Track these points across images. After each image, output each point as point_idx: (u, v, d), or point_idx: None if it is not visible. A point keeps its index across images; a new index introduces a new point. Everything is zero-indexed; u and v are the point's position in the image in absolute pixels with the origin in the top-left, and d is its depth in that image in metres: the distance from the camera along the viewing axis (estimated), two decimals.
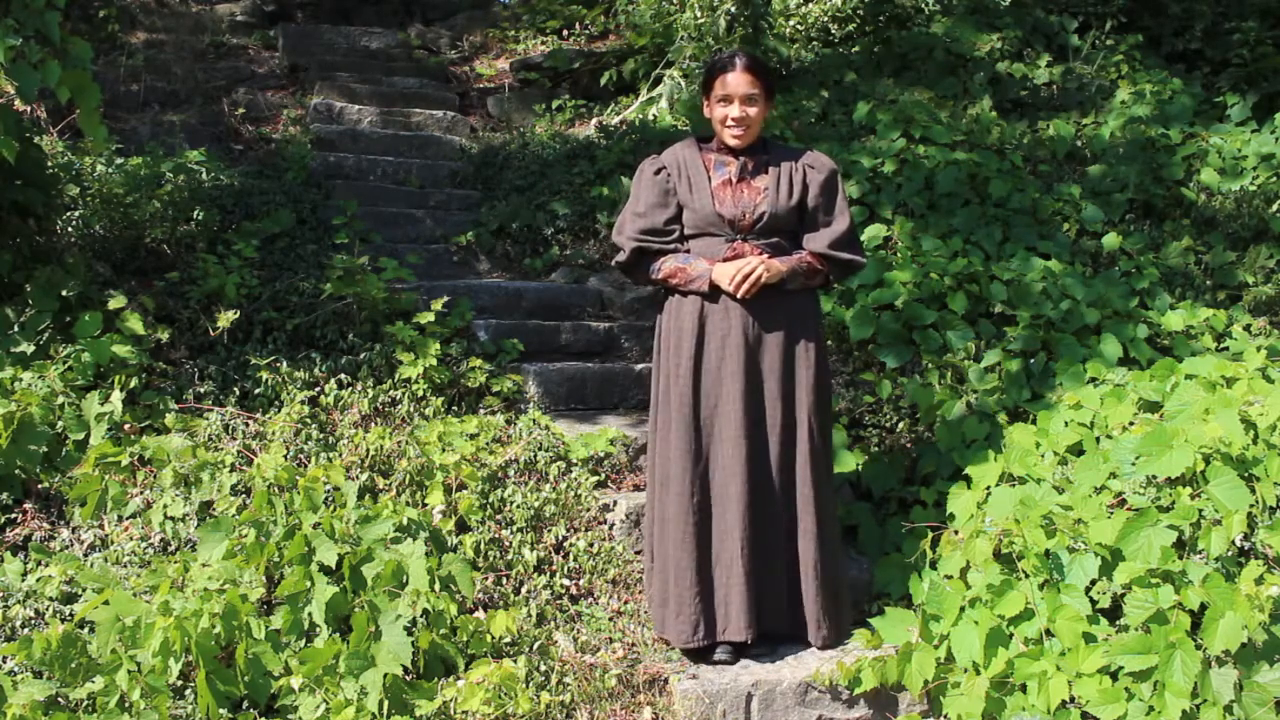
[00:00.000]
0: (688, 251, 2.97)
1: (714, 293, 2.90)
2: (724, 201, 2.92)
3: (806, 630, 2.96)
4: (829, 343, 4.00)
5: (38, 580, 2.85)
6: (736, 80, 2.89)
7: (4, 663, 2.64)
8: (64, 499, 3.19)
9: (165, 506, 3.10)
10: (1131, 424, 3.29)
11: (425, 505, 3.25)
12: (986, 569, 2.86)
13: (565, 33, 8.29)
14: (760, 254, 2.89)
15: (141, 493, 3.18)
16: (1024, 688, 2.64)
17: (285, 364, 3.79)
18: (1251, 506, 2.69)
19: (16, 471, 3.19)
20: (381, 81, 7.29)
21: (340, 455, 3.40)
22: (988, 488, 3.32)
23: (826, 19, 7.19)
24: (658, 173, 3.00)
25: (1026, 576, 2.77)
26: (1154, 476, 2.89)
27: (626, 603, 3.18)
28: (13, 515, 3.15)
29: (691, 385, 2.91)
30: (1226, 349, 4.28)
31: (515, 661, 2.68)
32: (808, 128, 6.00)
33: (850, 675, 2.79)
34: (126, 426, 3.40)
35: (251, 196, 5.05)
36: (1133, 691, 2.49)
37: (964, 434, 3.72)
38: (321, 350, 3.95)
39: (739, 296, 2.85)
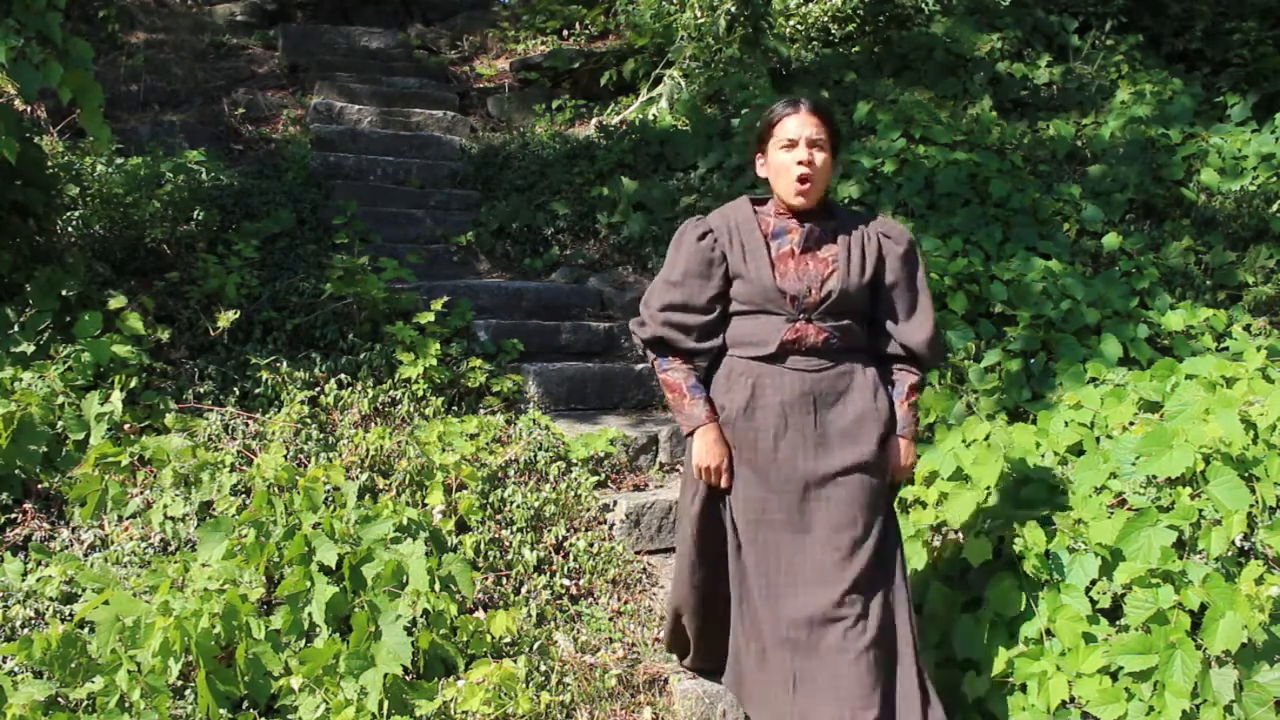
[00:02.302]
0: (725, 346, 2.52)
1: (770, 366, 2.46)
2: (785, 274, 2.43)
3: None
4: None
5: (38, 580, 2.85)
6: (801, 122, 2.43)
7: (4, 663, 2.63)
8: (64, 499, 3.19)
9: (165, 506, 3.10)
10: (1131, 424, 3.28)
11: (425, 505, 3.24)
12: (987, 569, 2.86)
13: (565, 33, 8.29)
14: (825, 337, 2.44)
15: (141, 493, 3.18)
16: (1024, 688, 2.63)
17: (285, 364, 3.79)
18: (1251, 506, 2.69)
19: (16, 471, 3.19)
20: (381, 81, 7.30)
21: (340, 455, 3.40)
22: (988, 488, 3.31)
23: (826, 19, 7.19)
24: (702, 237, 2.48)
25: (1027, 577, 2.77)
26: (1154, 476, 2.89)
27: (626, 603, 3.18)
28: (13, 515, 3.15)
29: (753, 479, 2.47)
30: (1226, 349, 4.28)
31: (515, 661, 2.68)
32: None
33: None
34: (126, 426, 3.41)
35: (251, 196, 5.05)
36: (1133, 691, 2.49)
37: (964, 434, 3.72)
38: (321, 350, 3.95)
39: (708, 481, 2.49)
